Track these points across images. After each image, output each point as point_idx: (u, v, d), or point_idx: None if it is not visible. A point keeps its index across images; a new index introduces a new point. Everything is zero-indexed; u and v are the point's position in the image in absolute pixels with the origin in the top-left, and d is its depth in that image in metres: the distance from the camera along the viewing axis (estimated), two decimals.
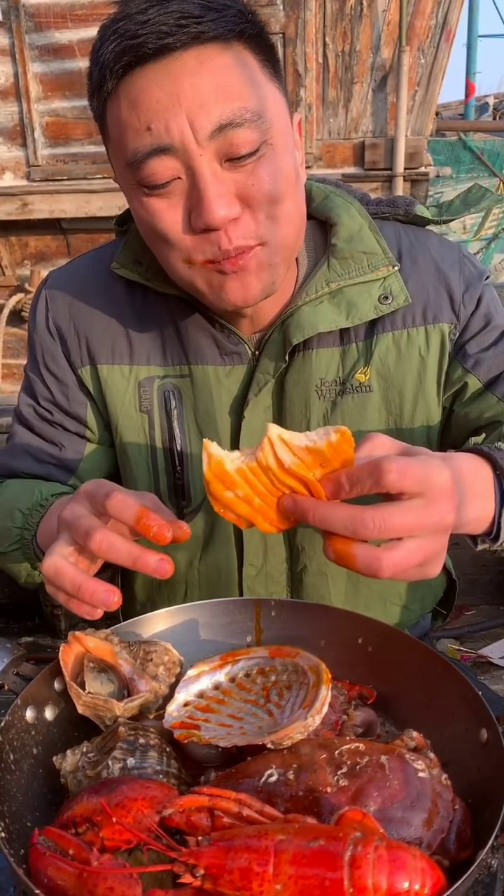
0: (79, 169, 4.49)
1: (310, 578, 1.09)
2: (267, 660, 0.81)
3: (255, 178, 0.85)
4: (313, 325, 1.00)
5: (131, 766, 0.68)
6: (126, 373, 1.08)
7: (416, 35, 4.13)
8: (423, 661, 0.79)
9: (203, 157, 0.83)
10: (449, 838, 0.62)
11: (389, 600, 1.14)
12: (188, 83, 0.81)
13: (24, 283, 4.91)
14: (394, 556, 0.65)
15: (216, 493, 0.69)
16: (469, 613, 2.49)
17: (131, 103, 0.83)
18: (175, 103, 0.81)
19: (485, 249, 6.35)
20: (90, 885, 0.56)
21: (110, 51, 0.82)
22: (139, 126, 0.83)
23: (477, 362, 1.05)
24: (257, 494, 0.69)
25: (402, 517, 0.65)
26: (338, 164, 4.40)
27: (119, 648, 0.80)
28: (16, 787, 0.69)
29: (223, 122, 0.82)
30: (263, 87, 0.86)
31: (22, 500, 1.05)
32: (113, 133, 0.88)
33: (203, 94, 0.81)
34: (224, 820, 0.61)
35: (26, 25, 4.33)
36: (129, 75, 0.83)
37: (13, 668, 0.90)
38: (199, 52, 0.81)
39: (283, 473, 0.67)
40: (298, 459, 0.67)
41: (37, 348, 1.13)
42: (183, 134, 0.82)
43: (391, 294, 1.02)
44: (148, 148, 0.83)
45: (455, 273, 1.06)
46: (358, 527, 0.65)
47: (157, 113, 0.82)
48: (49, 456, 1.14)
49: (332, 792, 0.63)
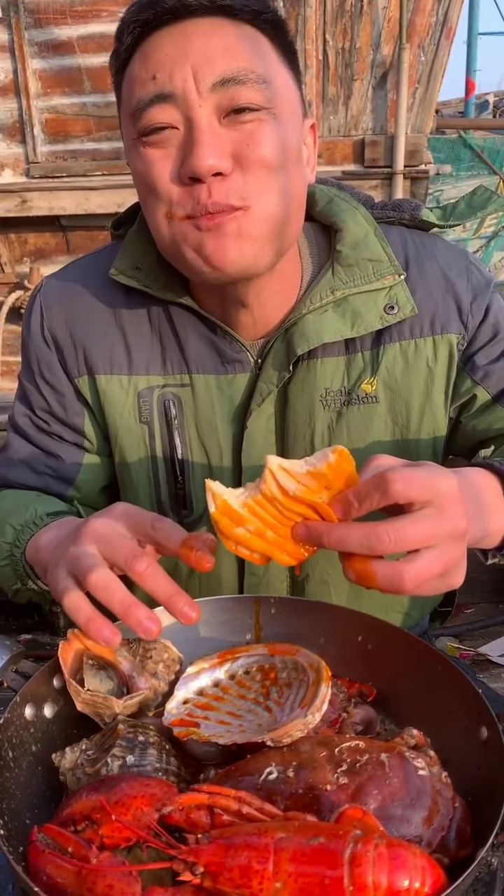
0: (78, 166, 4.48)
1: (311, 587, 1.08)
2: (267, 657, 0.81)
3: (252, 139, 0.85)
4: (318, 335, 0.98)
5: (131, 763, 0.68)
6: (125, 383, 1.06)
7: (417, 32, 4.12)
8: (423, 658, 0.79)
9: (202, 109, 0.84)
10: (449, 836, 0.62)
11: (391, 608, 1.13)
12: (199, 41, 0.83)
13: (24, 281, 4.90)
14: (414, 567, 0.65)
15: (226, 530, 0.68)
16: (468, 612, 2.49)
17: (143, 58, 0.86)
18: (182, 56, 0.83)
19: (484, 248, 6.34)
20: (89, 882, 0.56)
21: (133, 12, 0.85)
22: (146, 77, 0.85)
23: (486, 374, 1.04)
24: (269, 527, 0.68)
25: (416, 528, 0.65)
26: (338, 161, 4.39)
27: (118, 646, 0.80)
28: (15, 784, 0.69)
29: (226, 76, 0.83)
30: (274, 66, 0.88)
31: (15, 515, 1.02)
32: (124, 91, 0.90)
33: (211, 51, 0.83)
34: (224, 818, 0.61)
35: (26, 21, 4.32)
36: (147, 37, 0.85)
37: (12, 665, 0.90)
38: (214, 21, 0.84)
39: (289, 501, 0.67)
40: (303, 486, 0.67)
41: (32, 357, 1.11)
42: (185, 83, 0.83)
43: (397, 304, 1.01)
44: (150, 95, 0.85)
45: (463, 281, 1.05)
46: (374, 542, 0.65)
47: (164, 64, 0.84)
48: (46, 467, 1.12)
49: (332, 790, 0.63)
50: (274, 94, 0.86)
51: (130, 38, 0.86)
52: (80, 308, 1.08)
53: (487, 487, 0.84)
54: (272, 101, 0.86)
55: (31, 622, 2.88)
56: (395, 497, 0.65)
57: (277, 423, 1.04)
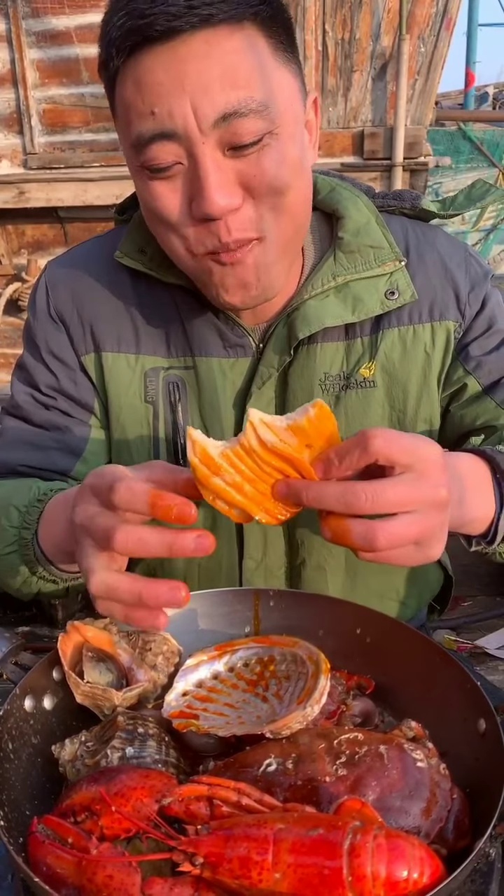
0: (76, 157, 4.46)
1: (308, 573, 1.09)
2: (266, 649, 0.81)
3: (258, 167, 0.84)
4: (320, 320, 0.99)
5: (130, 755, 0.68)
6: (132, 362, 1.06)
7: (417, 23, 4.10)
8: (422, 651, 0.79)
9: (205, 146, 0.82)
10: (447, 827, 0.62)
11: (387, 595, 1.14)
12: (194, 67, 0.80)
13: (21, 273, 4.89)
14: (389, 526, 0.65)
15: (203, 479, 0.67)
16: (466, 604, 2.50)
17: (136, 84, 0.82)
18: (179, 88, 0.80)
19: (483, 240, 6.34)
20: (89, 873, 0.57)
21: (118, 27, 0.81)
22: (143, 109, 0.82)
23: (478, 365, 1.05)
24: (247, 480, 0.67)
25: (395, 489, 0.65)
26: (336, 153, 4.38)
27: (118, 638, 0.80)
28: (14, 775, 0.69)
29: (227, 110, 0.80)
30: (273, 74, 0.84)
31: (17, 496, 0.99)
32: (119, 111, 0.88)
33: (208, 79, 0.80)
34: (223, 809, 0.61)
35: (23, 11, 4.29)
36: (136, 55, 0.81)
37: (11, 657, 0.90)
38: (208, 36, 0.79)
39: (267, 454, 0.66)
40: (282, 441, 0.66)
41: (38, 336, 1.11)
42: (186, 120, 0.81)
43: (397, 289, 1.02)
44: (151, 132, 0.83)
45: (461, 272, 1.06)
46: (351, 499, 0.64)
47: (161, 97, 0.81)
48: (51, 440, 1.09)
49: (331, 781, 0.64)
50: (276, 113, 0.83)
51: (119, 59, 0.82)
52: (86, 287, 1.08)
53: (474, 472, 0.83)
54: (275, 122, 0.84)
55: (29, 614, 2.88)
56: (376, 453, 0.65)
57: (277, 406, 1.05)
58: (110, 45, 0.83)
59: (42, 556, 0.96)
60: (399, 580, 1.14)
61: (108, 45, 0.83)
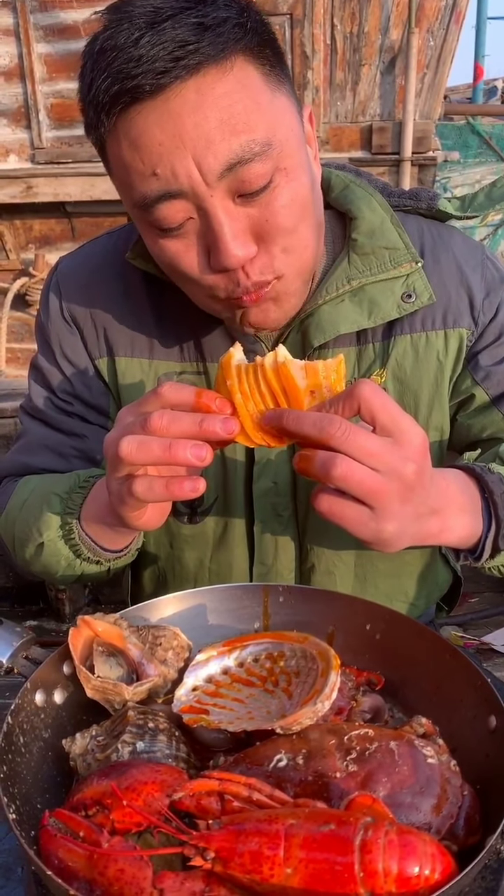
0: (84, 151, 4.45)
1: (317, 577, 1.08)
2: (275, 645, 0.82)
3: (269, 211, 0.83)
4: (335, 327, 0.98)
5: (141, 749, 0.69)
6: (146, 367, 1.05)
7: (426, 16, 4.07)
8: (432, 648, 0.79)
9: (214, 198, 0.80)
10: (458, 824, 0.62)
11: (396, 598, 1.13)
12: (190, 121, 0.77)
13: (29, 267, 4.89)
14: (349, 463, 0.68)
15: (218, 379, 0.75)
16: (473, 601, 2.50)
17: (132, 145, 0.80)
18: (179, 145, 0.77)
19: (492, 235, 6.30)
20: (100, 866, 0.57)
21: (103, 91, 0.78)
22: (144, 170, 0.80)
23: (487, 375, 1.04)
24: (240, 391, 0.72)
25: (368, 439, 0.68)
26: (345, 147, 4.36)
27: (128, 633, 0.80)
28: (26, 769, 0.69)
29: (231, 160, 0.78)
30: (269, 106, 0.81)
31: (59, 485, 0.99)
32: (116, 170, 0.86)
33: (206, 131, 0.77)
34: (234, 804, 0.61)
35: (31, 5, 4.28)
36: (127, 113, 0.78)
37: (22, 651, 0.90)
38: (198, 84, 0.76)
39: (271, 373, 0.71)
40: (292, 374, 0.71)
41: (52, 339, 1.09)
42: (191, 177, 0.79)
43: (415, 292, 1.00)
44: (156, 193, 0.81)
45: (477, 276, 1.04)
46: (325, 424, 0.67)
47: (162, 157, 0.78)
48: (72, 448, 1.09)
49: (342, 777, 0.64)
50: (280, 146, 0.81)
51: (110, 122, 0.80)
52: (99, 289, 1.07)
53: (462, 490, 0.84)
54: (279, 158, 0.82)
55: (37, 609, 2.89)
56: (359, 397, 0.67)
57: None
58: (99, 110, 0.80)
59: (87, 537, 0.95)
60: (408, 583, 1.13)
61: (97, 109, 0.80)
